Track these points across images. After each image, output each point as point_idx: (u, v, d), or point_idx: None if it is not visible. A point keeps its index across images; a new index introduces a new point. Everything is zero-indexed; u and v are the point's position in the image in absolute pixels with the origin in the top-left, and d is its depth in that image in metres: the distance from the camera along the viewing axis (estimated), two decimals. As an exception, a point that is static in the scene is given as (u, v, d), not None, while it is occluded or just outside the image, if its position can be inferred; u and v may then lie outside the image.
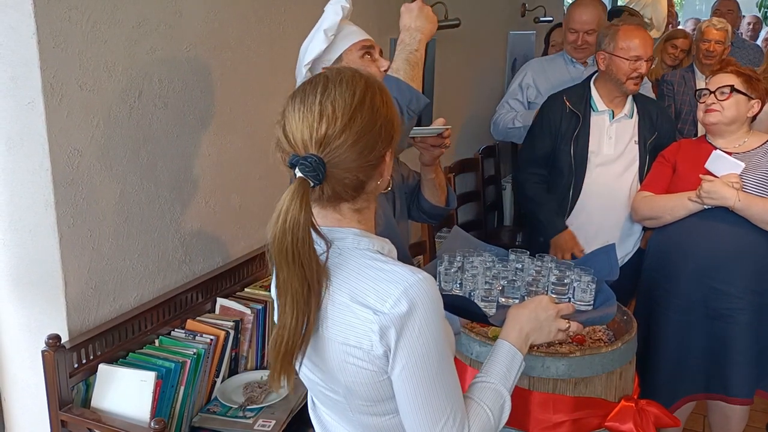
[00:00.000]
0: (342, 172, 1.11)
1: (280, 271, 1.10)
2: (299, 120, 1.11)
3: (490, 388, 1.26)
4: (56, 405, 1.76)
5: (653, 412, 1.91)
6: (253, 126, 2.37)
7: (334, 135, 1.09)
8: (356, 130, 1.10)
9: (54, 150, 1.72)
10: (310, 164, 1.08)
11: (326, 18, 1.78)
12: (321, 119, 1.10)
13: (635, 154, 2.78)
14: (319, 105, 1.10)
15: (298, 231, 1.07)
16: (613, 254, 1.80)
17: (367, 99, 1.13)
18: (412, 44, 1.72)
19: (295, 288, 1.10)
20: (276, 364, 1.14)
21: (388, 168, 1.19)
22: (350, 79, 1.14)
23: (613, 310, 1.62)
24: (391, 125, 1.16)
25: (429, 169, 1.95)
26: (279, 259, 1.09)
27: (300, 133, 1.11)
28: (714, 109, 2.45)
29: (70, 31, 1.72)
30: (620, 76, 2.72)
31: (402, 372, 1.12)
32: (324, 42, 1.76)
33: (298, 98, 1.14)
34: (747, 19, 6.82)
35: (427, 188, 1.99)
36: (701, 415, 2.97)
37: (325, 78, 1.15)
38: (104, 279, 1.90)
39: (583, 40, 3.41)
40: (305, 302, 1.11)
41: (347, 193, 1.15)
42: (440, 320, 1.14)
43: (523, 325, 1.35)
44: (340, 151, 1.09)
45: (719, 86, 2.45)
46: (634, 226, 2.84)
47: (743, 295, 2.38)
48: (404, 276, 1.11)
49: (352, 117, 1.10)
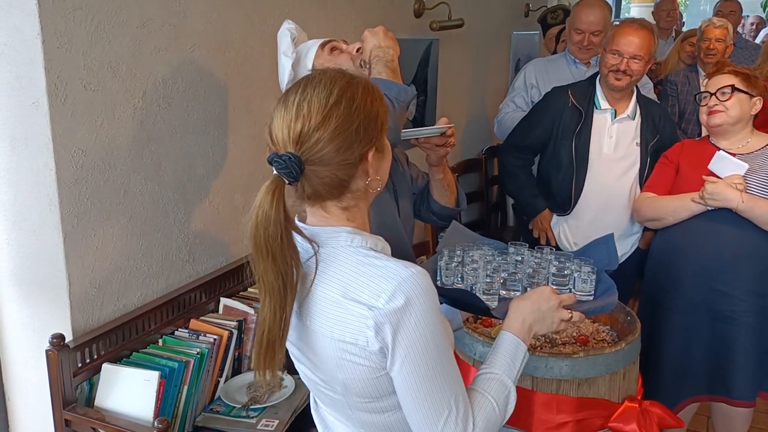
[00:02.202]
0: (320, 170, 1.13)
1: (257, 266, 1.14)
2: (280, 120, 1.15)
3: (495, 378, 1.26)
4: (60, 404, 1.77)
5: (657, 413, 1.91)
6: (256, 126, 2.37)
7: (308, 133, 1.12)
8: (331, 129, 1.12)
9: (58, 150, 1.72)
10: (284, 162, 1.11)
11: (279, 44, 1.88)
12: (297, 118, 1.13)
13: (636, 155, 2.78)
14: (296, 105, 1.14)
15: (269, 226, 1.11)
16: (611, 244, 1.80)
17: (345, 98, 1.14)
18: (387, 56, 1.78)
19: (270, 282, 1.13)
20: (259, 358, 1.17)
21: (375, 167, 1.19)
22: (330, 79, 1.16)
23: (614, 299, 1.62)
24: (373, 123, 1.17)
25: (437, 169, 1.95)
26: (255, 253, 1.13)
27: (280, 131, 1.14)
28: (718, 110, 2.43)
29: (74, 31, 1.72)
30: (603, 69, 2.73)
31: (402, 367, 1.12)
32: (289, 61, 1.84)
33: (282, 100, 1.18)
34: (750, 20, 6.82)
35: (435, 189, 1.99)
36: (705, 416, 2.96)
37: (306, 79, 1.19)
38: (108, 278, 1.91)
39: (589, 41, 3.39)
40: (280, 295, 1.13)
41: (329, 192, 1.17)
42: (436, 313, 1.14)
43: (526, 316, 1.36)
44: (316, 149, 1.12)
45: (719, 87, 2.44)
46: (633, 227, 2.84)
47: (746, 297, 2.37)
48: (397, 271, 1.12)
49: (327, 115, 1.12)
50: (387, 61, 1.77)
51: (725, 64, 2.55)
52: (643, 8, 8.74)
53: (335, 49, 1.88)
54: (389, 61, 1.77)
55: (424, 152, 1.93)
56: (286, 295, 1.14)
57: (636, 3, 9.39)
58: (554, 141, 2.83)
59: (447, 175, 1.98)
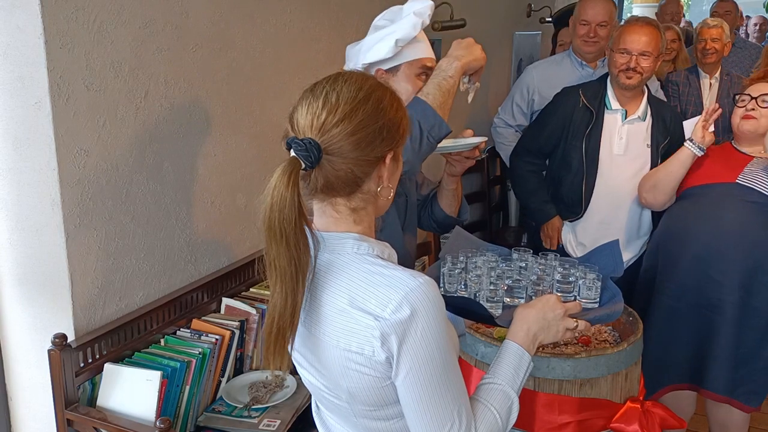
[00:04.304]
0: (337, 162, 1.12)
1: (270, 249, 1.11)
2: (305, 108, 1.15)
3: (498, 389, 1.25)
4: (62, 404, 1.77)
5: (659, 414, 1.91)
6: (259, 126, 2.37)
7: (333, 123, 1.11)
8: (356, 122, 1.12)
9: (60, 150, 1.72)
10: (304, 145, 1.10)
11: (403, 27, 1.73)
12: (324, 107, 1.12)
13: (647, 157, 2.76)
14: (325, 95, 1.14)
15: (285, 208, 1.08)
16: (617, 250, 1.79)
17: (373, 97, 1.15)
18: (448, 70, 1.70)
19: (282, 266, 1.10)
20: (269, 344, 1.15)
21: (390, 172, 1.19)
22: (361, 78, 1.17)
23: (620, 308, 1.62)
24: (395, 129, 1.17)
25: (453, 179, 1.94)
26: (268, 237, 1.10)
27: (303, 119, 1.14)
28: (752, 116, 2.43)
29: (76, 31, 1.72)
30: (612, 69, 2.72)
31: (406, 377, 1.11)
32: (392, 51, 1.73)
33: (309, 90, 1.17)
34: (753, 20, 6.80)
35: (445, 198, 1.97)
36: (704, 416, 2.95)
37: (338, 74, 1.19)
38: (110, 278, 1.91)
39: (595, 32, 3.32)
40: (292, 280, 1.11)
41: (341, 187, 1.15)
42: (443, 323, 1.13)
43: (531, 325, 1.35)
44: (337, 139, 1.11)
45: (762, 93, 2.42)
46: (641, 229, 2.83)
47: (735, 289, 2.38)
48: (405, 281, 1.11)
49: (354, 109, 1.12)
50: (444, 77, 1.67)
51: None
52: (645, 8, 8.74)
53: (426, 75, 1.76)
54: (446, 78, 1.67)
55: (451, 162, 1.90)
56: (298, 281, 1.11)
57: (638, 3, 9.38)
58: (565, 142, 2.81)
59: (458, 186, 1.97)
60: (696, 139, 2.46)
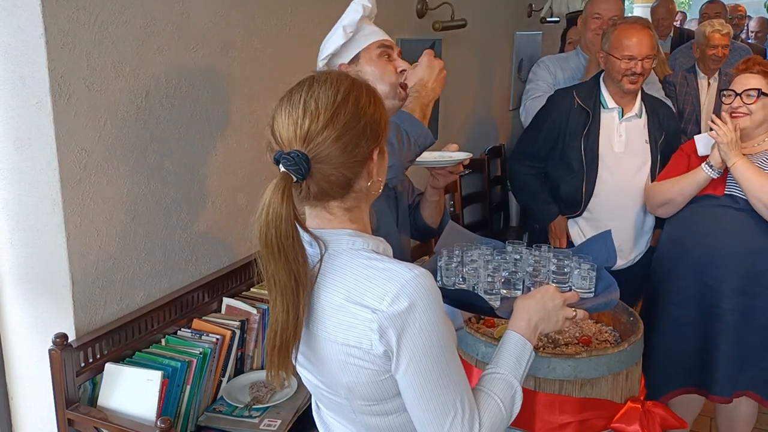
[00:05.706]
0: (327, 168, 1.12)
1: (268, 265, 1.12)
2: (285, 118, 1.14)
3: (501, 378, 1.26)
4: (63, 403, 1.77)
5: (660, 414, 1.91)
6: (259, 126, 2.37)
7: (317, 130, 1.11)
8: (339, 126, 1.12)
9: (61, 150, 1.72)
10: (293, 159, 1.10)
11: (347, 14, 1.78)
12: (305, 115, 1.12)
13: (647, 153, 2.78)
14: (303, 103, 1.13)
15: (281, 224, 1.09)
16: (609, 240, 1.79)
17: (351, 97, 1.15)
18: (427, 99, 1.74)
19: (282, 281, 1.12)
20: (272, 358, 1.16)
21: (378, 168, 1.20)
22: (335, 79, 1.17)
23: (616, 296, 1.62)
24: (377, 124, 1.17)
25: (437, 192, 1.96)
26: (265, 253, 1.11)
27: (286, 130, 1.13)
28: (742, 113, 2.39)
29: (77, 31, 1.72)
30: (615, 75, 2.72)
31: (407, 370, 1.12)
32: (342, 38, 1.76)
33: (285, 99, 1.17)
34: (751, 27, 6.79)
35: (427, 209, 2.00)
36: (708, 416, 2.96)
37: (311, 78, 1.18)
38: (111, 278, 1.91)
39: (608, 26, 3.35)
40: (294, 294, 1.12)
41: (334, 191, 1.16)
42: (441, 314, 1.14)
43: (532, 315, 1.36)
44: (324, 146, 1.11)
45: (746, 88, 2.38)
46: (646, 225, 2.84)
47: (732, 295, 2.39)
48: (400, 273, 1.11)
49: (335, 113, 1.12)
50: (424, 104, 1.73)
51: (756, 62, 2.46)
52: (646, 8, 8.73)
53: (386, 54, 1.80)
54: (425, 105, 1.74)
55: (435, 176, 1.92)
56: (299, 294, 1.12)
57: (639, 3, 9.38)
58: (562, 143, 2.82)
59: (441, 198, 2.00)
60: (716, 165, 2.41)
